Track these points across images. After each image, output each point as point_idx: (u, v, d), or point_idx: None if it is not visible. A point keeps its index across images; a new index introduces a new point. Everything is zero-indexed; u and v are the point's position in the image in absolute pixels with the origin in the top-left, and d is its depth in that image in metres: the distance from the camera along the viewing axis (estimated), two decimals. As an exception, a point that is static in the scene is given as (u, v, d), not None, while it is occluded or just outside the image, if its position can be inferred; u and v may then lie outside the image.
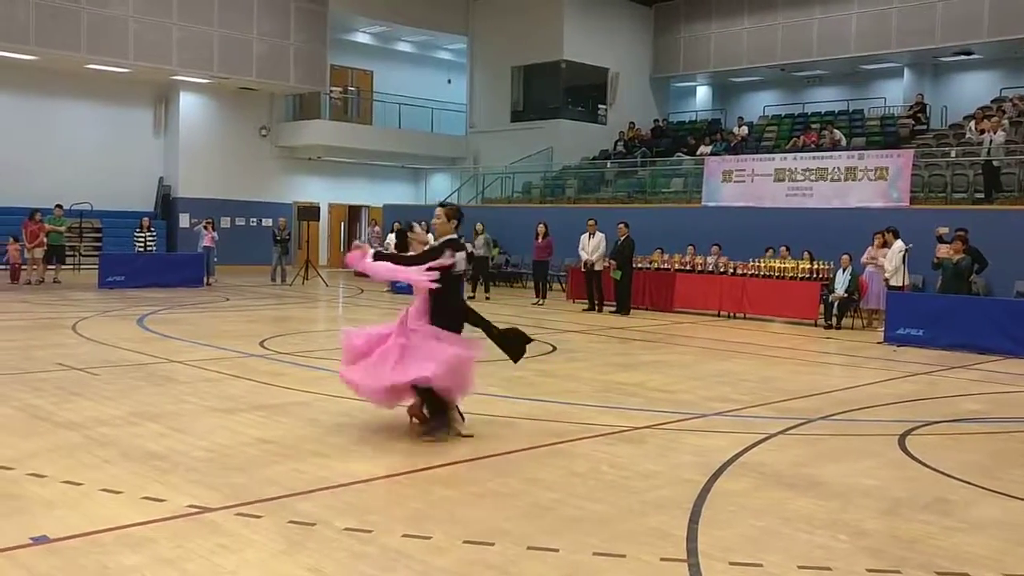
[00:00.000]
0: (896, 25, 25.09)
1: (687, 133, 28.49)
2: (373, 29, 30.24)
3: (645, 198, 24.17)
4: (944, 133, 23.11)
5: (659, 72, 30.83)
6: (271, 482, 5.46)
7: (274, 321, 15.14)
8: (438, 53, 32.87)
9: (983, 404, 9.02)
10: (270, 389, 8.58)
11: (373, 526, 4.69)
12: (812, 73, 29.06)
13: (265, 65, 26.24)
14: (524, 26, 29.08)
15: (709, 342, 13.70)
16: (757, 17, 27.97)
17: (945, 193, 19.29)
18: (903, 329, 13.45)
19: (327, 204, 30.12)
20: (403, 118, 30.23)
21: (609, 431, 7.17)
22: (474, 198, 29.07)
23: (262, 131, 28.82)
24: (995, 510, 5.40)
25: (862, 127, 25.33)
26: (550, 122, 28.78)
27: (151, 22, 24.06)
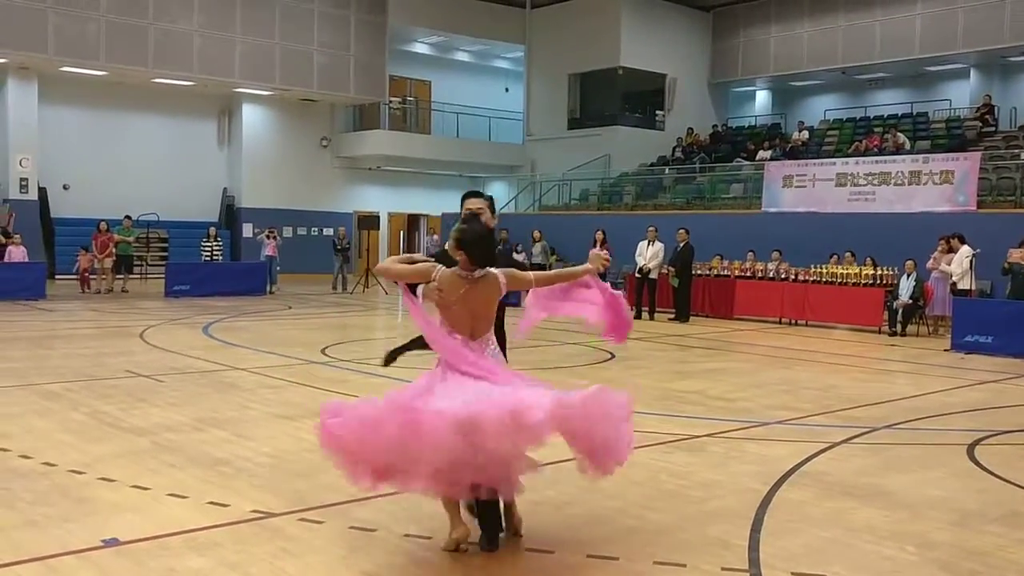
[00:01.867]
0: (962, 25, 24.53)
1: (746, 138, 28.19)
2: (431, 39, 30.49)
3: (704, 204, 23.96)
4: (1013, 135, 22.52)
5: (717, 77, 30.57)
6: (332, 488, 5.51)
7: (335, 329, 15.33)
8: (495, 62, 33.02)
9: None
10: (331, 396, 8.67)
11: (433, 532, 4.72)
12: (874, 76, 28.54)
13: (325, 77, 26.62)
14: (581, 34, 29.06)
15: (770, 349, 13.53)
16: (817, 19, 27.58)
17: (1014, 196, 18.80)
18: (971, 336, 13.14)
19: (386, 213, 30.42)
20: (461, 127, 30.41)
21: (668, 439, 7.12)
22: (531, 206, 29.10)
23: (323, 142, 29.24)
24: (1069, 522, 5.25)
25: (927, 130, 24.80)
26: (607, 129, 28.69)
27: (215, 36, 24.58)
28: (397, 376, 9.80)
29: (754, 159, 25.07)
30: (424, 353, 4.95)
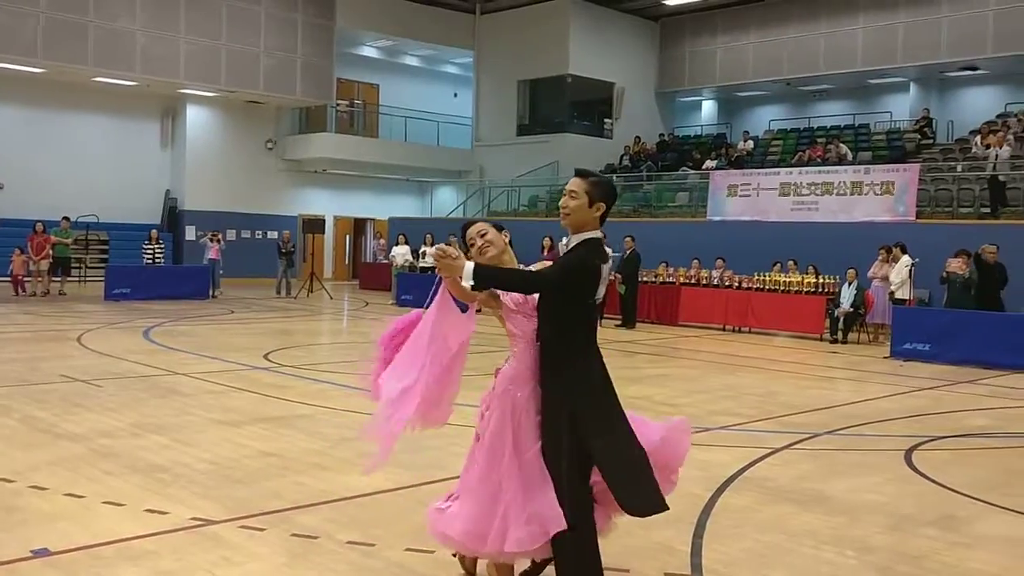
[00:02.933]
0: (902, 40, 25.10)
1: (692, 147, 28.49)
2: (380, 43, 30.34)
3: (651, 212, 24.15)
4: (950, 148, 23.09)
5: (664, 86, 30.87)
6: (274, 495, 5.44)
7: (278, 334, 15.14)
8: (444, 67, 32.97)
9: (990, 419, 8.98)
10: (274, 402, 8.57)
11: (376, 540, 4.68)
12: (818, 87, 29.06)
13: (272, 79, 26.34)
14: (530, 41, 29.14)
15: (714, 356, 13.66)
16: (763, 31, 28.00)
17: (951, 208, 19.26)
18: (909, 344, 13.41)
19: (332, 217, 30.17)
20: (409, 131, 30.29)
21: (613, 445, 7.12)
22: (480, 211, 29.08)
23: (268, 144, 28.91)
24: (1001, 526, 5.37)
25: (868, 141, 25.31)
26: (556, 136, 28.81)
27: (159, 36, 24.17)
28: (341, 383, 9.74)
29: (700, 168, 25.35)
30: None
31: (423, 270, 21.52)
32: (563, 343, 3.65)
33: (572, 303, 3.64)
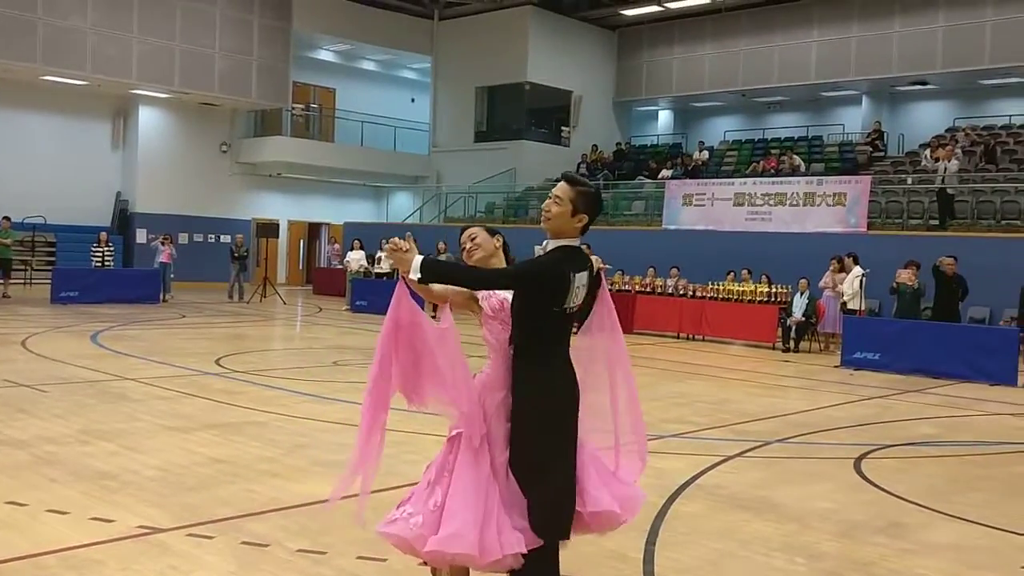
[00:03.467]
0: (855, 54, 25.55)
1: (649, 157, 28.70)
2: (336, 47, 30.16)
3: (607, 220, 24.25)
4: (900, 160, 23.52)
5: (622, 96, 31.08)
6: (224, 502, 5.36)
7: (230, 339, 14.95)
8: (402, 72, 32.87)
9: (937, 428, 9.13)
10: (225, 408, 8.45)
11: (327, 548, 4.62)
12: (772, 99, 29.45)
13: (227, 81, 26.05)
14: (488, 47, 29.19)
15: (668, 364, 13.75)
16: (719, 43, 28.32)
17: (901, 219, 19.61)
18: (860, 353, 13.61)
19: (287, 221, 29.89)
20: (365, 136, 30.14)
21: (568, 452, 7.13)
22: (436, 217, 29.03)
23: (223, 147, 28.58)
24: (948, 533, 5.45)
25: (821, 153, 25.70)
26: (513, 143, 28.85)
27: (110, 35, 23.79)
28: (294, 389, 9.63)
29: (656, 177, 25.55)
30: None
31: (378, 275, 21.41)
32: (529, 352, 3.55)
33: (539, 310, 3.51)
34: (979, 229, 18.19)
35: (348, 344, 14.64)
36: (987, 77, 24.55)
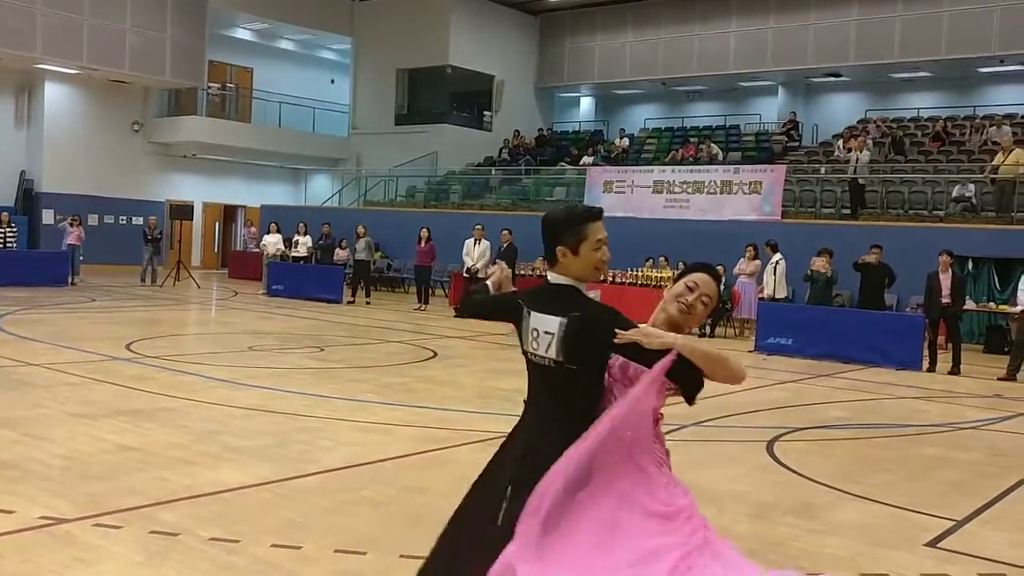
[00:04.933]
0: (771, 45, 26.03)
1: (570, 143, 28.84)
2: (254, 25, 29.48)
3: (529, 206, 24.31)
4: (814, 150, 24.08)
5: (544, 81, 31.12)
6: (133, 491, 5.21)
7: (142, 323, 14.54)
8: (321, 52, 32.33)
9: (847, 411, 9.40)
10: (136, 394, 8.21)
11: (241, 536, 4.53)
12: (692, 88, 29.83)
13: (139, 58, 25.23)
14: (410, 29, 28.89)
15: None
16: (640, 31, 28.55)
17: (814, 208, 20.08)
18: (773, 338, 13.91)
19: (201, 203, 29.17)
20: (283, 117, 29.57)
21: (488, 437, 7.12)
22: (356, 200, 28.69)
23: (134, 126, 27.71)
24: (855, 513, 5.60)
25: (738, 142, 26.16)
26: (435, 127, 28.67)
27: (12, 5, 22.77)
28: (208, 374, 9.42)
29: (577, 164, 25.68)
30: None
31: (295, 259, 21.07)
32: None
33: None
34: (888, 218, 18.74)
35: (264, 329, 14.38)
36: (897, 71, 25.29)
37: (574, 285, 2.95)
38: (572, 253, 2.92)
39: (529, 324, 3.00)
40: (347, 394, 8.68)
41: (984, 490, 6.25)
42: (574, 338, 2.86)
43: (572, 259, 2.93)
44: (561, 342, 2.88)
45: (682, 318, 3.02)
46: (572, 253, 2.92)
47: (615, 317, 2.85)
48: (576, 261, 2.93)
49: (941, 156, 21.30)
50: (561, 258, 2.94)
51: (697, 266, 3.13)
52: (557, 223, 2.97)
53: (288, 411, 7.73)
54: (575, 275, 2.95)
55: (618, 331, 2.77)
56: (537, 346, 2.98)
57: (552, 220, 3.00)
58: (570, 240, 2.92)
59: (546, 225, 3.01)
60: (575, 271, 2.95)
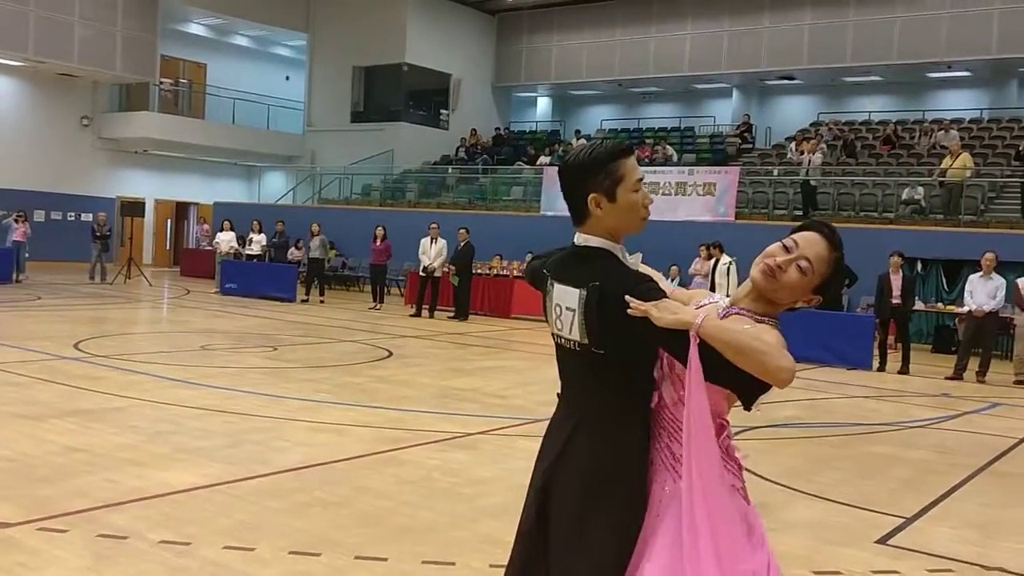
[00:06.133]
0: (726, 48, 26.30)
1: (527, 143, 28.87)
2: (208, 20, 29.10)
3: (486, 205, 24.30)
4: (768, 153, 24.36)
5: (501, 81, 31.12)
6: (80, 494, 5.09)
7: (91, 322, 14.26)
8: (276, 49, 32.02)
9: (799, 410, 9.49)
10: (84, 394, 8.04)
11: (192, 538, 4.44)
12: (647, 90, 30.04)
13: (88, 51, 24.77)
14: (366, 27, 28.73)
15: (545, 348, 13.84)
16: (596, 32, 28.67)
17: (767, 210, 20.31)
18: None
19: (153, 200, 28.72)
20: (237, 114, 29.24)
21: (443, 437, 7.10)
22: (311, 198, 28.45)
23: (84, 121, 27.21)
24: (807, 511, 5.66)
25: (693, 144, 26.37)
26: (391, 124, 28.54)
27: (-42, -3, 22.30)
28: (158, 374, 9.26)
29: (534, 163, 25.71)
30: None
31: (249, 258, 20.83)
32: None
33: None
34: (839, 220, 18.96)
35: (217, 328, 14.19)
36: (849, 74, 25.70)
37: (606, 247, 2.39)
38: (608, 199, 2.34)
39: (552, 298, 2.48)
40: (301, 394, 8.58)
41: (932, 488, 6.35)
42: (595, 315, 2.32)
43: (609, 208, 2.35)
44: (583, 320, 2.35)
45: (766, 283, 2.37)
46: (608, 199, 2.34)
47: (640, 285, 2.29)
48: (614, 210, 2.35)
49: (891, 159, 21.68)
50: (595, 209, 2.35)
51: (809, 223, 2.45)
52: (582, 166, 2.36)
53: (241, 411, 7.63)
54: (613, 230, 2.39)
55: (629, 299, 2.22)
56: (561, 325, 2.43)
57: (576, 164, 2.38)
58: (604, 183, 2.34)
59: (569, 173, 2.39)
60: (613, 224, 2.38)
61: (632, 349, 2.32)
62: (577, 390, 2.47)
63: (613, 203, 2.35)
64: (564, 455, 2.41)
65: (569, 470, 2.38)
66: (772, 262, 2.36)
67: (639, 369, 2.38)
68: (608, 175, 2.33)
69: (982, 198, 18.90)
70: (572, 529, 2.36)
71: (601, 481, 2.33)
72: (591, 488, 2.34)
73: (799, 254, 2.36)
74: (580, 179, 2.37)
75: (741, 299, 2.43)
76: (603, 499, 2.33)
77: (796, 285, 2.36)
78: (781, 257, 2.36)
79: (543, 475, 2.47)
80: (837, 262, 2.39)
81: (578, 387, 2.47)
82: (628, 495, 2.34)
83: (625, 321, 2.23)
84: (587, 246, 2.41)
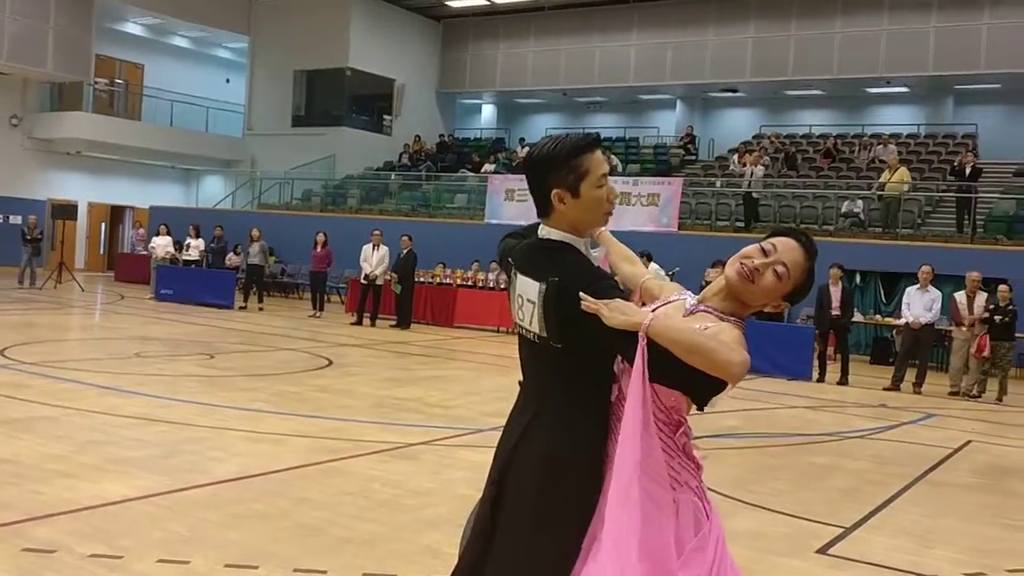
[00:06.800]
0: (671, 59, 26.57)
1: (472, 150, 28.82)
2: (145, 20, 28.53)
3: (429, 212, 24.17)
4: (711, 164, 24.64)
5: (446, 87, 31.04)
6: (5, 506, 4.89)
7: (19, 327, 13.81)
8: (216, 51, 31.54)
9: (741, 420, 9.57)
10: (10, 403, 7.76)
11: (124, 551, 4.29)
12: (593, 99, 30.22)
13: (18, 48, 24.08)
14: (309, 30, 28.42)
15: (488, 357, 13.79)
16: (542, 41, 28.76)
17: (710, 220, 20.52)
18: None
19: (86, 203, 28.02)
20: (176, 116, 28.70)
21: (384, 448, 6.99)
22: (250, 203, 28.02)
23: (13, 120, 26.45)
24: (749, 521, 5.67)
25: (637, 154, 26.56)
26: (333, 129, 28.26)
27: None
28: (90, 381, 8.99)
29: (479, 171, 25.66)
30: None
31: (186, 263, 20.43)
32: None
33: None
34: (779, 232, 19.27)
35: (152, 335, 13.85)
36: (791, 88, 26.16)
37: (568, 240, 2.42)
38: (572, 195, 2.37)
39: (515, 289, 2.49)
40: (238, 403, 8.40)
41: (871, 497, 6.42)
42: (553, 309, 2.34)
43: (572, 203, 2.37)
44: (542, 314, 2.37)
45: (742, 284, 2.38)
46: (572, 195, 2.37)
47: (596, 282, 2.30)
48: (577, 205, 2.37)
49: (831, 172, 22.08)
50: (558, 204, 2.39)
51: (786, 230, 2.47)
52: (547, 160, 2.39)
53: (176, 420, 7.43)
54: (575, 224, 2.42)
55: (583, 295, 2.24)
56: (523, 316, 2.46)
57: (540, 158, 2.41)
58: (567, 178, 2.36)
59: (533, 166, 2.44)
60: (575, 218, 2.40)
61: (590, 344, 2.32)
62: (535, 381, 2.50)
63: (577, 199, 2.36)
64: (520, 446, 2.42)
65: (524, 460, 2.39)
66: (750, 264, 2.37)
67: (597, 363, 2.39)
68: (572, 170, 2.35)
69: (919, 212, 19.34)
70: (526, 517, 2.37)
71: (556, 472, 2.34)
72: (546, 478, 2.35)
73: (777, 259, 2.37)
74: (544, 173, 2.39)
75: (710, 297, 2.46)
76: (558, 489, 2.34)
77: (770, 289, 2.38)
78: (759, 260, 2.37)
79: (499, 466, 2.48)
80: (811, 271, 2.42)
81: (537, 378, 2.50)
82: (582, 485, 2.35)
83: (581, 316, 2.24)
84: (550, 239, 2.43)
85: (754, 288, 2.38)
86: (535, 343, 2.43)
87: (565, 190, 2.36)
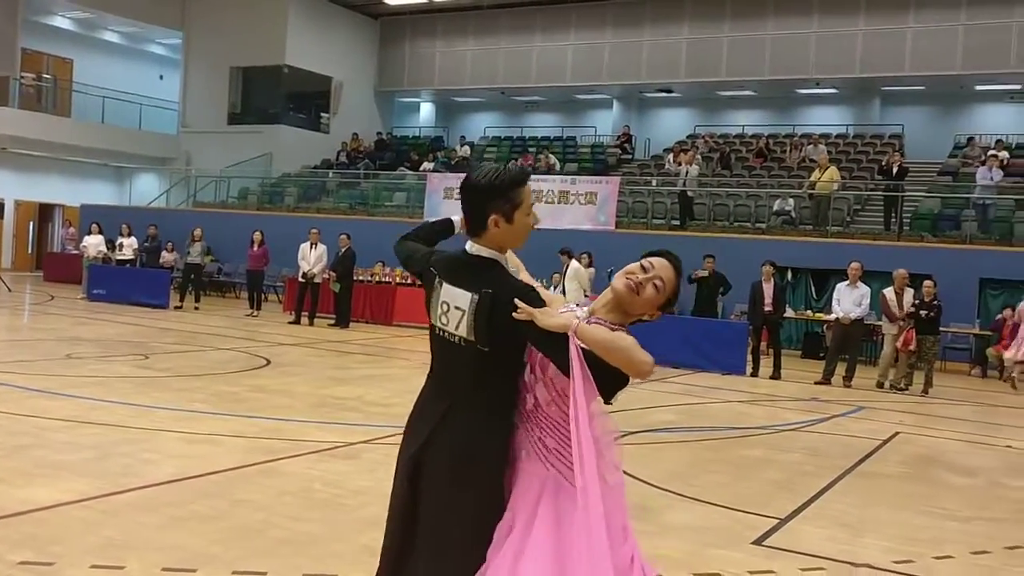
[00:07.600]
0: (607, 60, 26.80)
1: (410, 148, 28.70)
2: (74, 14, 27.87)
3: (367, 210, 24.03)
4: (647, 163, 24.92)
5: (384, 85, 30.88)
6: (-71, 513, 4.76)
7: (-56, 329, 13.42)
8: (149, 47, 30.93)
9: (677, 415, 9.71)
10: (-66, 406, 7.54)
11: (56, 558, 4.20)
12: (531, 99, 30.32)
13: (-57, 42, 23.38)
14: (245, 26, 28.04)
15: (427, 356, 13.70)
16: (480, 40, 28.78)
17: (646, 219, 20.76)
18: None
19: (13, 201, 27.26)
20: (107, 113, 28.05)
21: (323, 447, 6.95)
22: (185, 201, 27.55)
23: (-64, 115, 25.65)
24: (687, 514, 5.77)
25: (575, 153, 26.74)
26: (270, 127, 27.94)
27: None
28: (19, 384, 8.76)
29: (417, 169, 25.59)
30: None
31: (119, 263, 20.01)
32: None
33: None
34: (715, 230, 19.58)
35: (83, 335, 13.55)
36: (724, 89, 26.57)
37: (495, 257, 2.73)
38: (506, 221, 2.68)
39: (439, 296, 2.81)
40: (174, 404, 8.27)
41: (804, 489, 6.58)
42: (486, 317, 2.64)
43: (506, 228, 2.69)
44: (472, 320, 2.67)
45: (628, 295, 2.73)
46: (506, 221, 2.68)
47: (527, 293, 2.62)
48: (510, 230, 2.70)
49: (763, 171, 22.49)
50: (492, 227, 2.69)
51: (659, 251, 2.85)
52: (489, 189, 2.68)
53: (109, 422, 7.29)
54: (502, 244, 2.74)
55: (518, 302, 2.55)
56: (447, 321, 2.77)
57: (483, 186, 2.70)
58: (504, 207, 2.67)
59: (474, 191, 2.71)
60: (503, 240, 2.73)
61: (513, 348, 2.70)
62: (453, 378, 2.80)
63: (510, 224, 2.70)
64: (435, 436, 2.73)
65: (439, 451, 2.70)
66: (635, 279, 2.75)
67: (514, 364, 2.73)
68: (509, 200, 2.68)
69: (848, 210, 19.82)
70: (442, 505, 2.68)
71: (469, 461, 2.67)
72: (460, 468, 2.66)
73: (655, 274, 2.76)
74: (485, 200, 2.69)
75: (598, 309, 2.79)
76: (470, 477, 2.66)
77: (650, 300, 2.77)
78: (642, 275, 2.75)
79: (414, 457, 2.78)
80: (679, 285, 2.84)
81: (455, 376, 2.79)
82: (493, 473, 2.70)
83: (512, 324, 2.56)
84: (479, 256, 2.75)
85: (638, 299, 2.75)
86: (459, 345, 2.74)
87: (501, 216, 2.68)
